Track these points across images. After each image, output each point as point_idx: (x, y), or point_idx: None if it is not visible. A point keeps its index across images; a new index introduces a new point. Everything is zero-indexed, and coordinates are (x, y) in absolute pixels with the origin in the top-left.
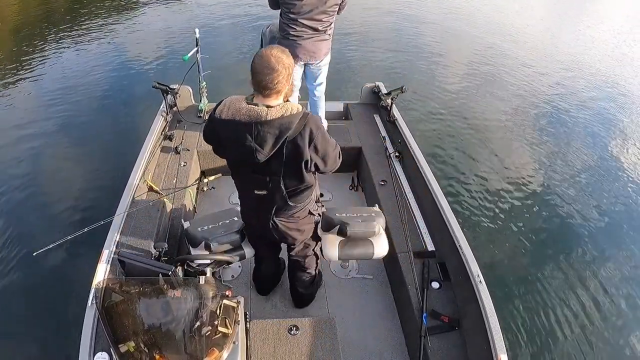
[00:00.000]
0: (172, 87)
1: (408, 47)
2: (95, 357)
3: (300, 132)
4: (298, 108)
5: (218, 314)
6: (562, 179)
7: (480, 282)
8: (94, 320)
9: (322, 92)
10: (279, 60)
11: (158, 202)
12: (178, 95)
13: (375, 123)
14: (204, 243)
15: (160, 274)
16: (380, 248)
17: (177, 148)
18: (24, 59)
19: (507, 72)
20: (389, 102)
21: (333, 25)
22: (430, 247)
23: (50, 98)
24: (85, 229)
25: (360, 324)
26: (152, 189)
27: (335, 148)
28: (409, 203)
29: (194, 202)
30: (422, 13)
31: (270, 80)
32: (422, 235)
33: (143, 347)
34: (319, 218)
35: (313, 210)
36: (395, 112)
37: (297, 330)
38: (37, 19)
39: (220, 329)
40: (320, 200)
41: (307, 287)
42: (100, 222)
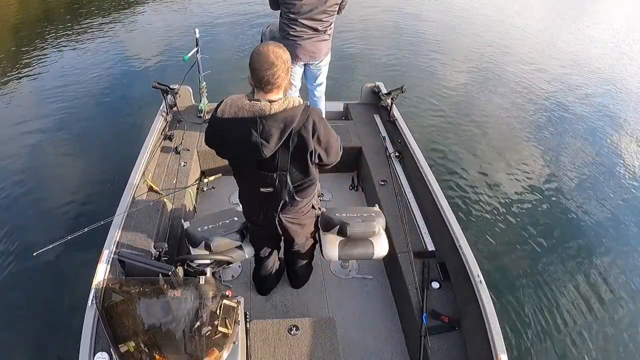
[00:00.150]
0: (172, 87)
1: (408, 46)
2: (95, 357)
3: (304, 123)
4: (299, 101)
5: (218, 314)
6: (562, 180)
7: (480, 282)
8: (94, 320)
9: (322, 92)
10: (278, 55)
11: (158, 202)
12: (178, 95)
13: (375, 123)
14: (204, 243)
15: (160, 274)
16: (380, 248)
17: (177, 148)
18: (24, 59)
19: (507, 72)
20: (389, 102)
21: (333, 26)
22: (430, 247)
23: (50, 98)
24: (85, 229)
25: (360, 324)
26: (152, 189)
27: (337, 140)
28: (409, 203)
29: (194, 202)
30: (422, 12)
31: (271, 75)
32: (422, 235)
33: (143, 347)
34: (319, 212)
35: (315, 204)
36: (395, 112)
37: (297, 330)
38: (36, 19)
39: (220, 329)
40: (320, 198)
41: (305, 267)
42: (100, 222)
